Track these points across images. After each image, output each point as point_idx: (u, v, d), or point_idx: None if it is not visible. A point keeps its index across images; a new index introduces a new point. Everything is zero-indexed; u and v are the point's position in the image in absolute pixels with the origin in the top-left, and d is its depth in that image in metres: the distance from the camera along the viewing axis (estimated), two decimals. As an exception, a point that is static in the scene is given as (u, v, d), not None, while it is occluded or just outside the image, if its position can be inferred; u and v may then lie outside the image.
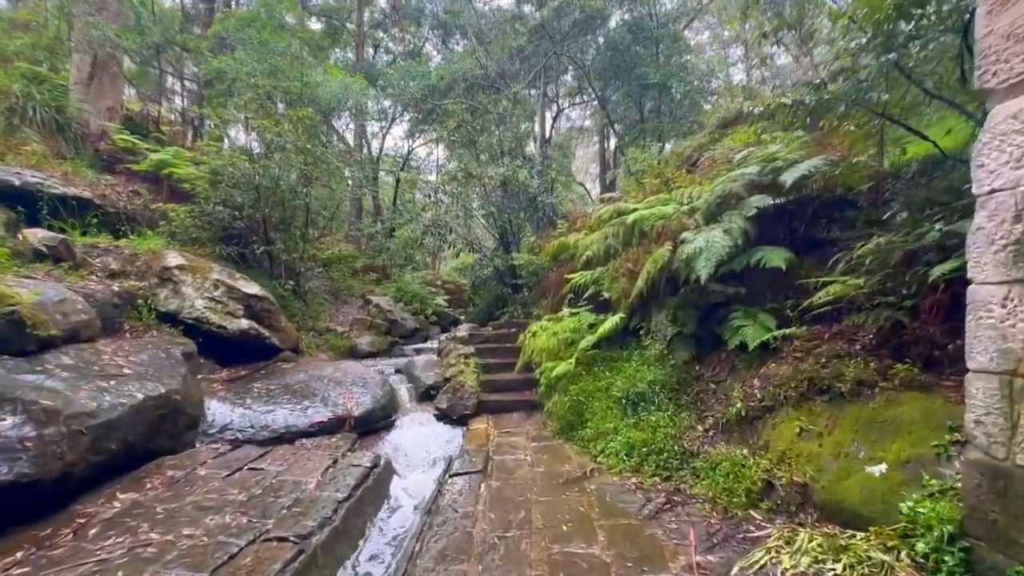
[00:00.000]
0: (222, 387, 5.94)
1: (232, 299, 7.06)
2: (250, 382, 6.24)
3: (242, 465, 4.63)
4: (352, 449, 5.37)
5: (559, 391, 6.08)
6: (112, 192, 8.35)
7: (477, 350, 8.20)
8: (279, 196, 9.68)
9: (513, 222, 10.55)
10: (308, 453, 5.06)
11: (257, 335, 7.11)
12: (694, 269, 4.85)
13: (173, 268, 6.81)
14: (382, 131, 21.85)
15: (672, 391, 4.76)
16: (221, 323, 6.76)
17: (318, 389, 6.30)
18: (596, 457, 4.64)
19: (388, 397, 6.53)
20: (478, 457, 4.99)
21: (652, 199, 6.44)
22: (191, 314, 6.63)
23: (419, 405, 6.95)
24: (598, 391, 5.38)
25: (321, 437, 5.52)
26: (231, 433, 5.24)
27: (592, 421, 5.12)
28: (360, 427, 5.94)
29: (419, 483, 4.97)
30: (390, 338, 11.00)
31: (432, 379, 7.27)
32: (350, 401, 6.10)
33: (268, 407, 5.66)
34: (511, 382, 7.36)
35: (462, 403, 6.59)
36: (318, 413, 5.72)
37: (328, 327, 10.63)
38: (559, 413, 5.66)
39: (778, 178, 5.26)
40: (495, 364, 7.88)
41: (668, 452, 4.15)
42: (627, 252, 6.06)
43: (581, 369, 5.89)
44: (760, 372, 4.41)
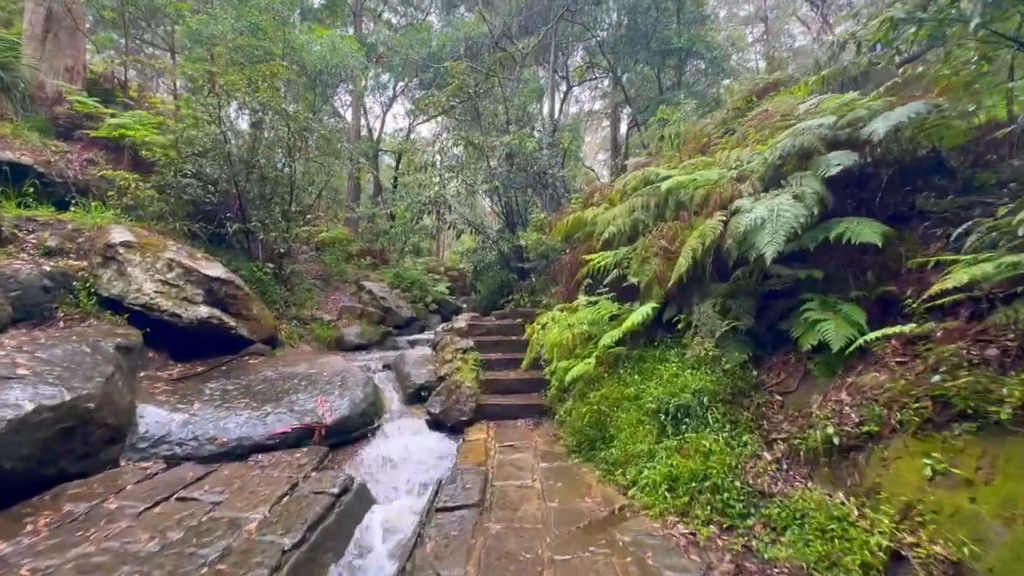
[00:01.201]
0: (167, 388, 4.93)
1: (190, 282, 6.02)
2: (204, 381, 5.22)
3: (170, 493, 3.61)
4: (320, 467, 4.34)
5: (575, 397, 5.01)
6: (61, 160, 7.30)
7: (477, 343, 7.14)
8: (256, 167, 8.60)
9: (519, 199, 9.41)
10: (261, 475, 4.04)
11: (220, 324, 6.08)
12: (754, 246, 3.74)
13: (117, 245, 5.77)
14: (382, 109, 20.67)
15: (725, 404, 3.67)
16: (175, 310, 5.73)
17: (285, 391, 5.27)
18: (626, 489, 3.58)
19: (370, 400, 5.49)
20: (474, 482, 3.95)
21: (689, 164, 5.29)
22: (138, 300, 5.60)
23: (408, 409, 5.91)
24: (625, 400, 4.30)
25: (282, 452, 4.50)
26: (168, 447, 4.22)
27: (618, 438, 4.05)
28: (334, 437, 4.91)
29: (400, 514, 3.94)
30: (383, 328, 9.97)
31: (424, 377, 6.22)
32: (322, 406, 5.07)
33: (220, 413, 4.63)
34: (516, 382, 6.30)
35: (458, 407, 5.55)
36: (280, 421, 4.69)
37: (314, 315, 9.60)
38: (575, 425, 4.59)
39: (860, 131, 4.12)
40: (498, 360, 6.82)
41: (727, 490, 3.07)
42: (660, 227, 4.93)
43: (603, 371, 4.81)
44: (847, 382, 3.31)
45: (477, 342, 7.18)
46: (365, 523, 3.79)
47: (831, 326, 3.38)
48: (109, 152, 8.22)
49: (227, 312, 6.36)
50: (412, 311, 11.26)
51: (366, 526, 3.74)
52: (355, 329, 9.20)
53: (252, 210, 8.68)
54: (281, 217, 9.19)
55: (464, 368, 6.19)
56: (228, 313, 6.38)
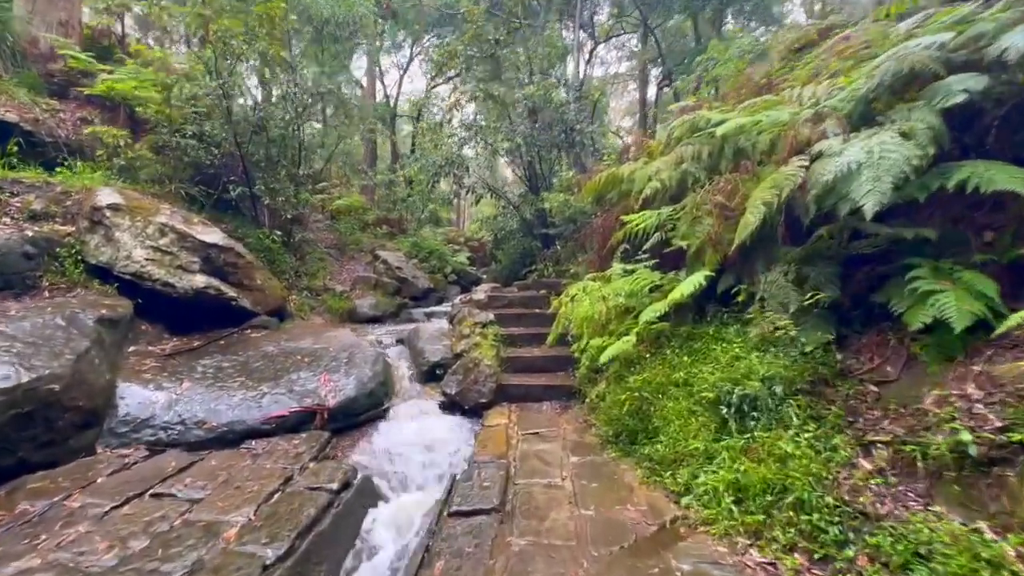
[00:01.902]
0: (156, 364, 4.47)
1: (185, 249, 5.51)
2: (198, 357, 4.75)
3: (145, 488, 3.14)
4: (320, 456, 3.84)
5: (609, 379, 4.36)
6: (51, 118, 6.80)
7: (498, 317, 6.51)
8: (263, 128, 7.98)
9: (543, 159, 8.58)
10: (252, 465, 3.55)
11: (218, 295, 5.59)
12: (847, 197, 2.96)
13: (104, 208, 5.27)
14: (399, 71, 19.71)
15: (805, 395, 2.96)
16: (168, 280, 5.24)
17: (286, 368, 4.77)
18: (678, 496, 2.94)
19: (380, 378, 4.96)
20: (493, 479, 3.38)
21: (749, 104, 4.42)
22: (127, 268, 5.12)
23: (422, 389, 5.37)
24: (672, 385, 3.63)
25: (279, 438, 4.01)
26: (151, 432, 3.76)
27: (665, 432, 3.39)
28: (338, 421, 4.40)
29: (410, 515, 3.42)
30: (398, 299, 9.44)
31: (439, 354, 5.65)
32: (325, 386, 4.55)
33: (211, 394, 4.15)
34: (540, 360, 5.68)
35: (476, 388, 4.97)
36: (277, 403, 4.19)
37: (326, 286, 9.12)
38: (611, 413, 3.96)
39: (985, 50, 3.21)
40: (520, 336, 6.20)
41: (816, 508, 2.40)
42: (714, 181, 4.13)
43: (644, 350, 4.13)
44: (974, 371, 2.55)
45: (498, 315, 6.56)
46: (368, 525, 3.27)
47: (950, 299, 2.61)
48: (105, 111, 7.69)
49: (227, 282, 5.87)
50: (430, 282, 10.69)
51: (369, 529, 3.22)
52: (369, 300, 8.69)
53: (257, 173, 8.11)
54: (289, 181, 8.61)
55: (483, 344, 5.59)
56: (228, 283, 5.88)
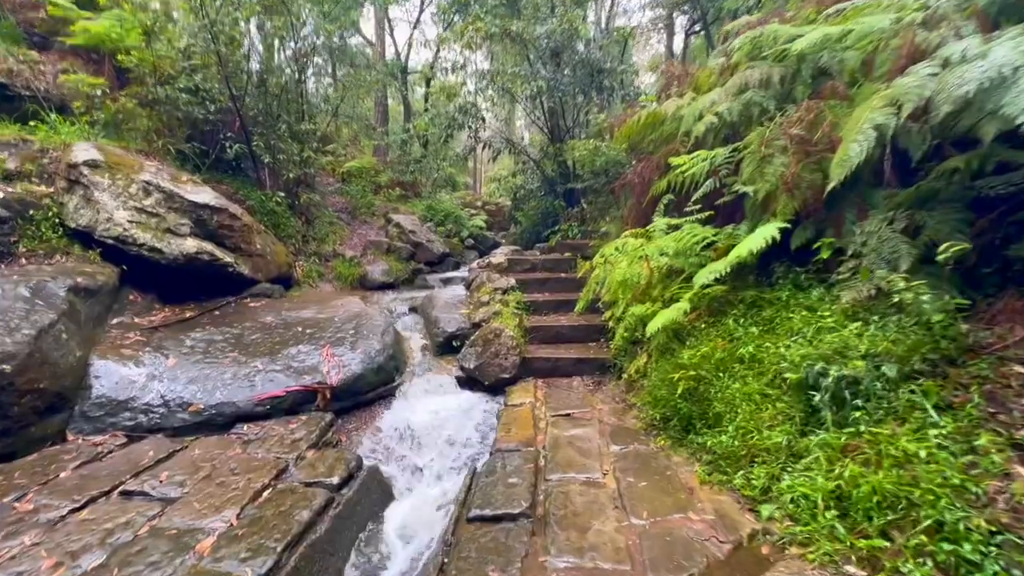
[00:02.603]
0: (140, 338, 4.00)
1: (173, 210, 4.97)
2: (188, 330, 4.27)
3: (113, 485, 2.68)
4: (320, 443, 3.34)
5: (654, 352, 3.73)
6: (29, 70, 6.22)
7: (520, 283, 5.89)
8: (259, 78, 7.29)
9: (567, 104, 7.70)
10: (240, 456, 3.07)
11: (212, 261, 5.08)
12: (997, 115, 2.19)
13: (81, 165, 4.72)
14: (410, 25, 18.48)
15: (927, 377, 2.28)
16: (154, 244, 4.73)
17: (284, 341, 4.26)
18: (753, 502, 2.35)
19: (390, 351, 4.43)
20: (520, 472, 2.83)
21: (834, 11, 3.54)
22: (109, 231, 4.61)
23: (437, 362, 4.83)
24: (736, 363, 2.98)
25: (275, 421, 3.53)
26: (129, 416, 3.31)
27: (729, 419, 2.77)
28: (342, 400, 3.91)
29: (421, 514, 2.93)
30: (412, 265, 8.88)
31: (456, 324, 5.08)
32: (328, 361, 4.04)
33: (199, 371, 3.67)
34: (568, 330, 5.07)
35: (497, 362, 4.40)
36: (272, 382, 3.69)
37: (336, 251, 8.60)
38: (658, 393, 3.35)
39: None
40: (544, 303, 5.58)
41: (961, 532, 1.76)
42: (789, 111, 3.34)
43: (700, 319, 3.47)
44: None
45: (519, 281, 5.94)
46: (373, 528, 2.78)
47: None
48: (90, 64, 7.07)
49: (223, 247, 5.34)
50: (445, 246, 10.07)
51: (374, 533, 2.73)
52: (381, 266, 8.14)
53: (256, 129, 7.46)
54: (291, 138, 7.95)
55: (504, 312, 4.99)
56: (224, 248, 5.36)
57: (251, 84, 7.45)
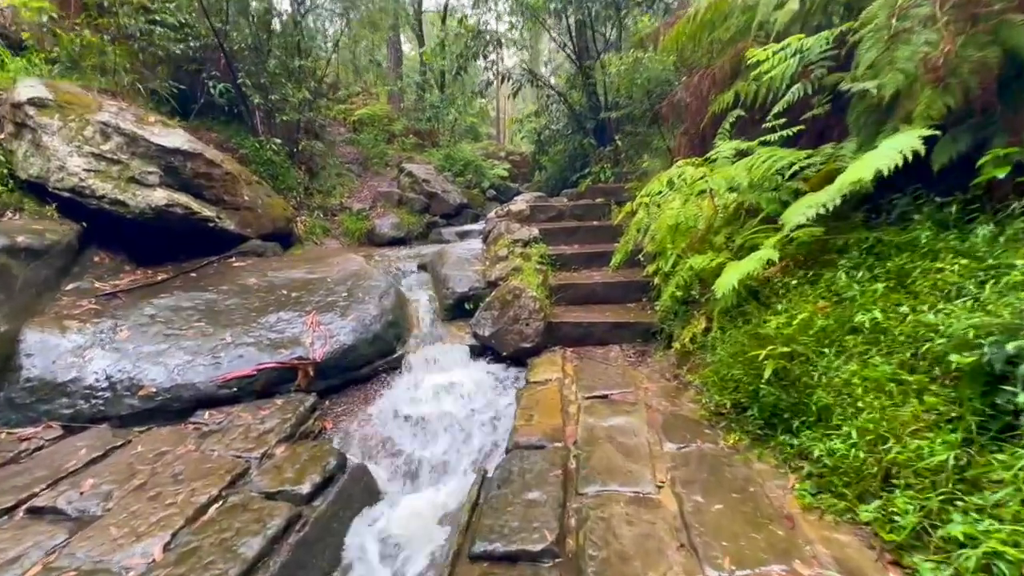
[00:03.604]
0: (93, 307, 3.39)
1: (137, 156, 4.26)
2: (152, 295, 3.64)
3: (23, 498, 2.09)
4: (296, 434, 2.70)
5: (718, 318, 2.87)
6: (-19, 3, 5.47)
7: (544, 233, 5.03)
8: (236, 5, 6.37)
9: (599, 15, 6.44)
10: (192, 454, 2.45)
11: (187, 214, 4.39)
12: None
13: (25, 105, 4.02)
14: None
15: None
16: (117, 196, 4.06)
17: (263, 308, 3.59)
18: (899, 551, 1.53)
19: (389, 318, 3.71)
20: (543, 482, 2.11)
21: None
22: (63, 182, 3.95)
23: (446, 328, 4.10)
24: (850, 334, 2.10)
25: (243, 405, 2.89)
26: (67, 402, 2.72)
27: (846, 417, 1.93)
28: (330, 377, 3.25)
29: (416, 528, 2.26)
30: (427, 218, 8.08)
31: (469, 283, 4.30)
32: (313, 330, 3.35)
33: (156, 346, 3.04)
34: (603, 288, 4.23)
35: (517, 329, 3.63)
36: (242, 357, 3.03)
37: (344, 205, 7.86)
38: (729, 373, 2.51)
39: None
40: (573, 256, 4.73)
41: None
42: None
43: (787, 272, 2.57)
44: None
45: (544, 231, 5.07)
46: (353, 551, 2.12)
47: None
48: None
49: (202, 199, 4.64)
50: (464, 197, 9.18)
51: (352, 563, 2.07)
52: (391, 219, 7.37)
53: (241, 65, 6.61)
54: (286, 78, 7.07)
55: (526, 268, 4.17)
56: (204, 200, 4.66)
57: (234, 12, 6.54)
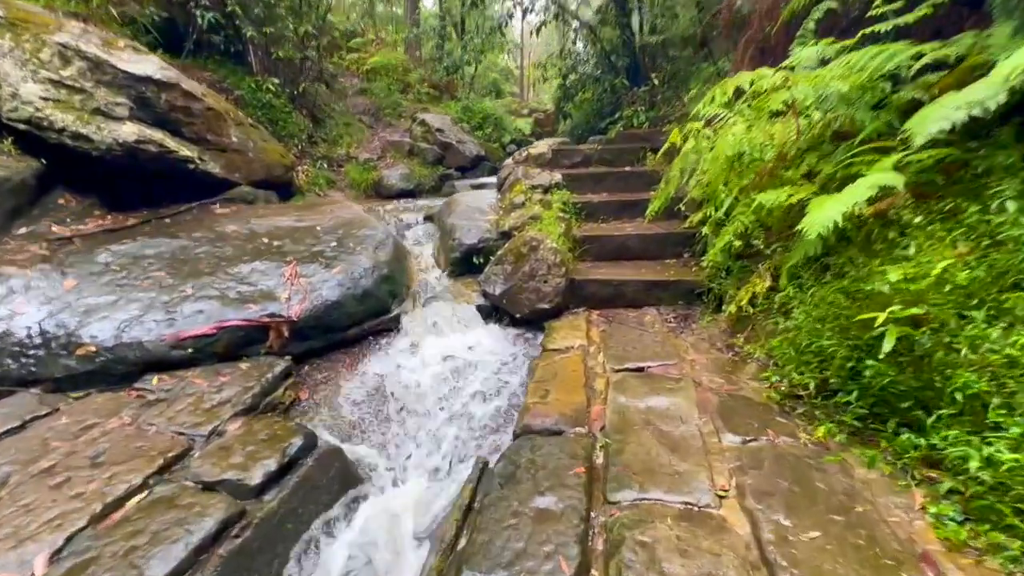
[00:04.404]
0: (41, 252, 2.92)
1: (103, 85, 3.71)
2: (113, 241, 3.16)
3: None
4: (260, 406, 2.21)
5: (786, 273, 2.21)
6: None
7: (568, 179, 4.34)
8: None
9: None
10: (125, 427, 1.99)
11: (162, 152, 3.87)
12: None
13: (-28, 21, 3.50)
14: None
15: None
16: (79, 130, 3.55)
17: (236, 257, 3.07)
18: None
19: (383, 272, 3.16)
20: (560, 483, 1.57)
21: None
22: (16, 112, 3.45)
23: (452, 286, 3.53)
24: (1012, 291, 1.42)
25: (201, 369, 2.41)
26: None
27: (1012, 412, 1.28)
28: (309, 339, 2.74)
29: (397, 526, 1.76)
30: (440, 170, 7.42)
31: (478, 233, 3.70)
32: (291, 283, 2.83)
33: (103, 297, 2.56)
34: (636, 241, 3.57)
35: (533, 286, 3.04)
36: (202, 313, 2.53)
37: (351, 155, 7.26)
38: (804, 343, 1.88)
39: None
40: (602, 206, 4.05)
41: None
42: None
43: (904, 207, 1.88)
44: None
45: (568, 177, 4.39)
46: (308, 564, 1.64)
47: None
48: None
49: (180, 136, 4.10)
50: (481, 149, 8.47)
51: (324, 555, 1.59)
52: (400, 170, 6.76)
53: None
54: (283, 8, 6.37)
55: (545, 217, 3.53)
56: (183, 138, 4.12)
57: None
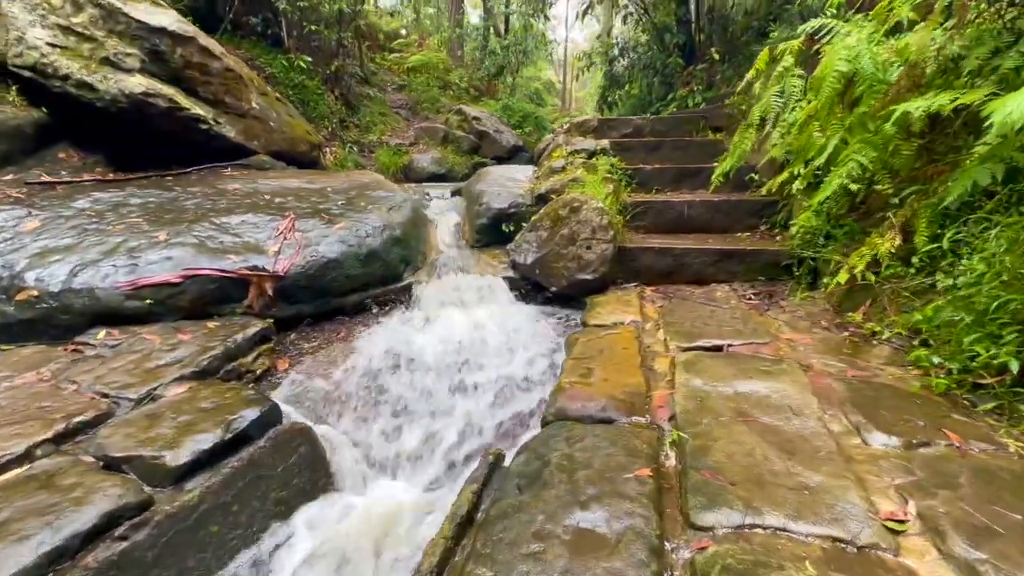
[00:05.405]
0: (16, 195, 2.59)
1: (115, 35, 3.46)
2: (99, 190, 2.81)
3: None
4: (217, 371, 1.73)
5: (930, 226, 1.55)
6: None
7: (617, 148, 3.77)
8: None
9: None
10: (40, 385, 1.53)
11: (171, 108, 3.55)
12: None
13: (-15, -36, 3.32)
14: None
15: None
16: (83, 77, 3.28)
17: (231, 208, 2.66)
18: None
19: (395, 233, 2.67)
20: (613, 490, 0.97)
21: None
22: (21, 57, 3.22)
23: (475, 256, 2.99)
24: None
25: (160, 326, 1.95)
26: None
27: None
28: (298, 302, 2.27)
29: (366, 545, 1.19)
30: (475, 158, 6.99)
31: (509, 198, 3.16)
32: (285, 236, 2.37)
33: (64, 239, 2.17)
34: (701, 209, 2.95)
35: (573, 252, 2.47)
36: (170, 259, 2.09)
37: (382, 140, 6.94)
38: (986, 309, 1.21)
39: None
40: (656, 174, 3.44)
41: None
42: None
43: None
44: None
45: (616, 145, 3.81)
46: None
47: None
48: None
49: (195, 95, 3.81)
50: (519, 140, 8.00)
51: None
52: (432, 155, 6.37)
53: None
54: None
55: (588, 180, 2.96)
56: (198, 97, 3.82)
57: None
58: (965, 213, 1.56)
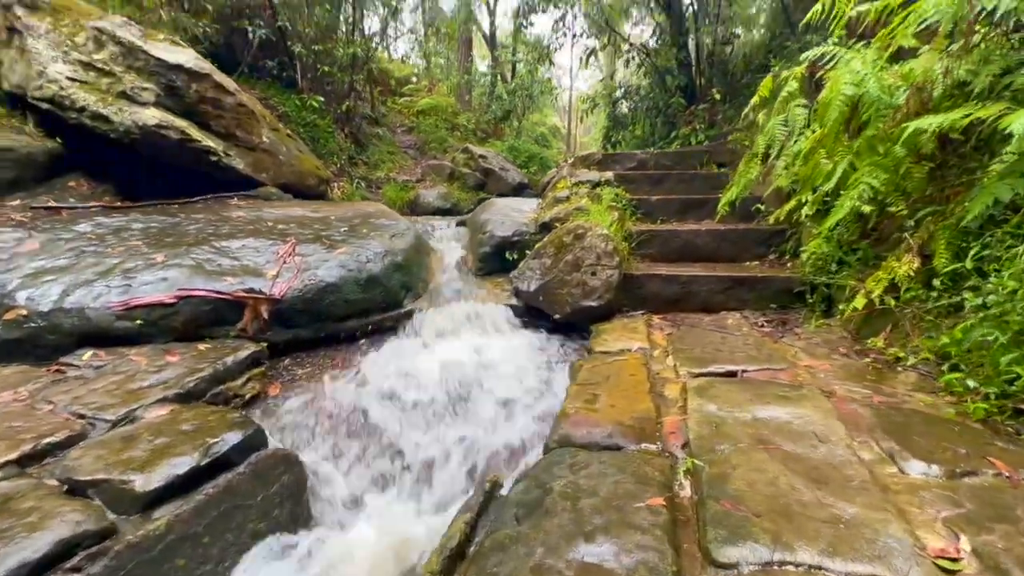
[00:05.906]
0: (19, 218, 2.60)
1: (133, 70, 3.58)
2: (103, 214, 2.82)
3: None
4: (204, 394, 1.65)
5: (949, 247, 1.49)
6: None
7: (621, 179, 3.78)
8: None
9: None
10: (16, 404, 1.44)
11: (183, 140, 3.63)
12: None
13: (16, 6, 3.48)
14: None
15: None
16: (98, 109, 3.36)
17: (232, 234, 2.64)
18: None
19: (396, 260, 2.64)
20: (622, 521, 0.85)
21: None
22: (41, 90, 3.33)
23: (478, 284, 2.94)
24: None
25: (150, 347, 1.88)
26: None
27: None
28: (298, 326, 2.20)
29: None
30: (481, 195, 7.05)
31: (513, 226, 3.14)
32: (284, 260, 2.33)
33: (60, 260, 2.14)
34: (708, 239, 2.90)
35: (578, 279, 2.41)
36: (165, 281, 2.05)
37: (390, 177, 7.06)
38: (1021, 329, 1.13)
39: None
40: (661, 205, 3.42)
41: None
42: None
43: None
44: None
45: (621, 178, 3.83)
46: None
47: None
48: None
49: (207, 129, 3.89)
50: (524, 178, 8.12)
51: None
52: (439, 191, 6.45)
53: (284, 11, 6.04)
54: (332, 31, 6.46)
55: (593, 210, 2.94)
56: (209, 131, 3.91)
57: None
58: (986, 231, 1.50)
